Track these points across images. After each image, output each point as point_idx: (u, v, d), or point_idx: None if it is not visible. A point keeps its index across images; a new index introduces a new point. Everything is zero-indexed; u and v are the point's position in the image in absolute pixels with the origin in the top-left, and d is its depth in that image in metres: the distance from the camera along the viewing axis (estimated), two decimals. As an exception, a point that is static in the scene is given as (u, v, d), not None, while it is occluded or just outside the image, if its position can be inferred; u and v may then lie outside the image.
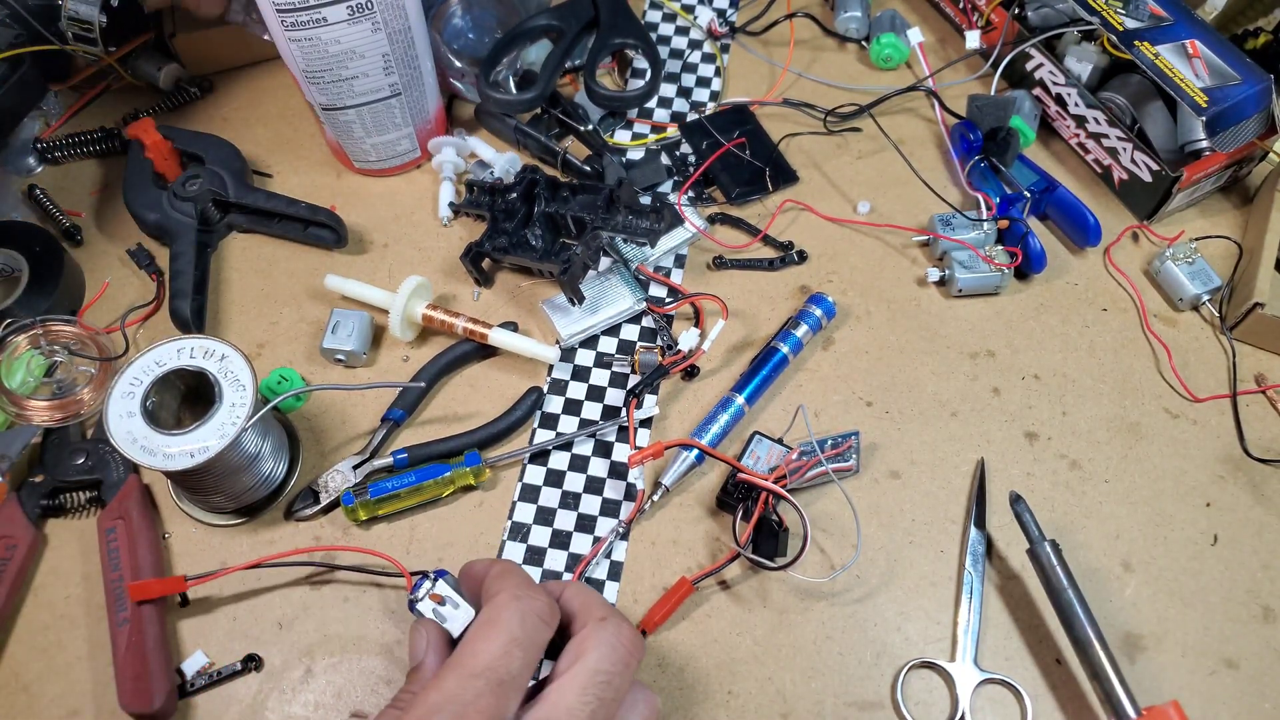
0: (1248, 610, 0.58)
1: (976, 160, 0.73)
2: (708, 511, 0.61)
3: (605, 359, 0.67)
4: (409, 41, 0.66)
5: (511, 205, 0.69)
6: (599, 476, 0.62)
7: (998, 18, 0.78)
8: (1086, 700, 0.54)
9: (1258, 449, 0.63)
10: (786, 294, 0.70)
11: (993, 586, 0.59)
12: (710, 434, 0.62)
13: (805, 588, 0.58)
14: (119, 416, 0.53)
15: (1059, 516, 0.61)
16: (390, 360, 0.67)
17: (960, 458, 0.63)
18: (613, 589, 0.58)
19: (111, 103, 0.80)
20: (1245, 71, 0.69)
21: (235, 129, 0.78)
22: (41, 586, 0.58)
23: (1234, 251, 0.71)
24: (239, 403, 0.54)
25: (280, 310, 0.69)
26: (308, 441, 0.64)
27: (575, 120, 0.76)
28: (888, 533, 0.60)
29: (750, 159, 0.75)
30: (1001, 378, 0.66)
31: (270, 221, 0.72)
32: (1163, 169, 0.69)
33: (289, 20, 0.61)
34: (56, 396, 0.63)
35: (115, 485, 0.60)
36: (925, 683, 0.56)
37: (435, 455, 0.62)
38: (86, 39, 0.77)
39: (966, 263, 0.68)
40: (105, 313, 0.69)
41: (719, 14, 0.86)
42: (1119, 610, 0.58)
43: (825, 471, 0.60)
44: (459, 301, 0.70)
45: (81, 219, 0.74)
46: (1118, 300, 0.70)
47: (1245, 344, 0.68)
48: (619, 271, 0.69)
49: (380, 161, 0.74)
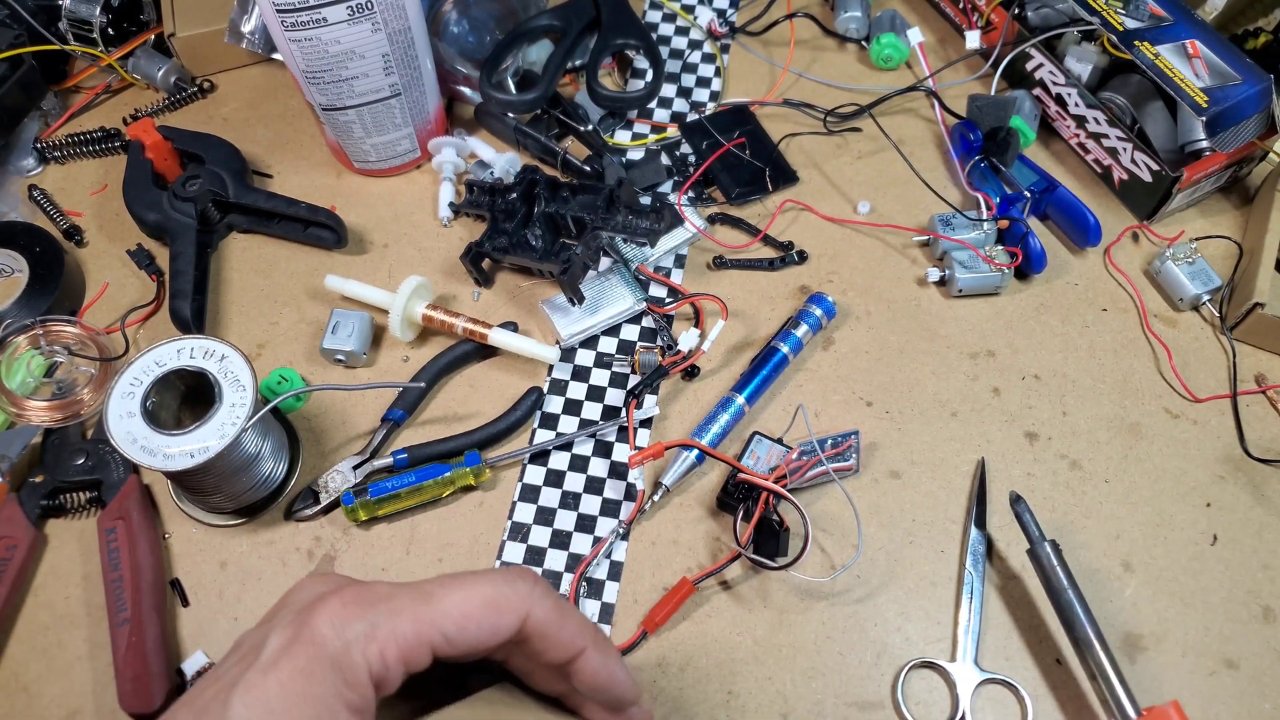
0: (1248, 610, 0.58)
1: (976, 160, 0.73)
2: (708, 511, 0.61)
3: (605, 359, 0.67)
4: (409, 41, 0.66)
5: (511, 205, 0.69)
6: (599, 476, 0.62)
7: (998, 18, 0.78)
8: (1086, 700, 0.54)
9: (1258, 449, 0.63)
10: (786, 294, 0.70)
11: (993, 586, 0.59)
12: (710, 434, 0.62)
13: (806, 588, 0.58)
14: (119, 417, 0.53)
15: (1059, 516, 0.61)
16: (390, 360, 0.67)
17: (960, 458, 0.63)
18: (613, 589, 0.58)
19: (111, 103, 0.80)
20: (1245, 71, 0.69)
21: (235, 129, 0.78)
22: (42, 586, 0.58)
23: (1234, 251, 0.71)
24: (239, 403, 0.54)
25: (280, 310, 0.69)
26: (308, 442, 0.64)
27: (575, 120, 0.76)
28: (888, 533, 0.60)
29: (750, 159, 0.75)
30: (1002, 378, 0.66)
31: (270, 222, 0.72)
32: (1163, 169, 0.69)
33: (289, 20, 0.61)
34: (57, 397, 0.63)
35: (115, 485, 0.60)
36: (925, 683, 0.56)
37: (435, 455, 0.62)
38: (86, 39, 0.77)
39: (967, 263, 0.68)
40: (105, 313, 0.69)
41: (719, 14, 0.86)
42: (1119, 610, 0.58)
43: (825, 471, 0.60)
44: (459, 301, 0.70)
45: (81, 219, 0.74)
46: (1118, 300, 0.70)
47: (1245, 344, 0.68)
48: (619, 271, 0.69)
49: (380, 162, 0.74)
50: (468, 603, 0.37)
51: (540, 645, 0.38)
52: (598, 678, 0.40)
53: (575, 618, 0.40)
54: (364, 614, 0.35)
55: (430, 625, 0.36)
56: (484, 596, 0.37)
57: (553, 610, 0.39)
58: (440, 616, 0.36)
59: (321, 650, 0.35)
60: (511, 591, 0.38)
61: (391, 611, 0.36)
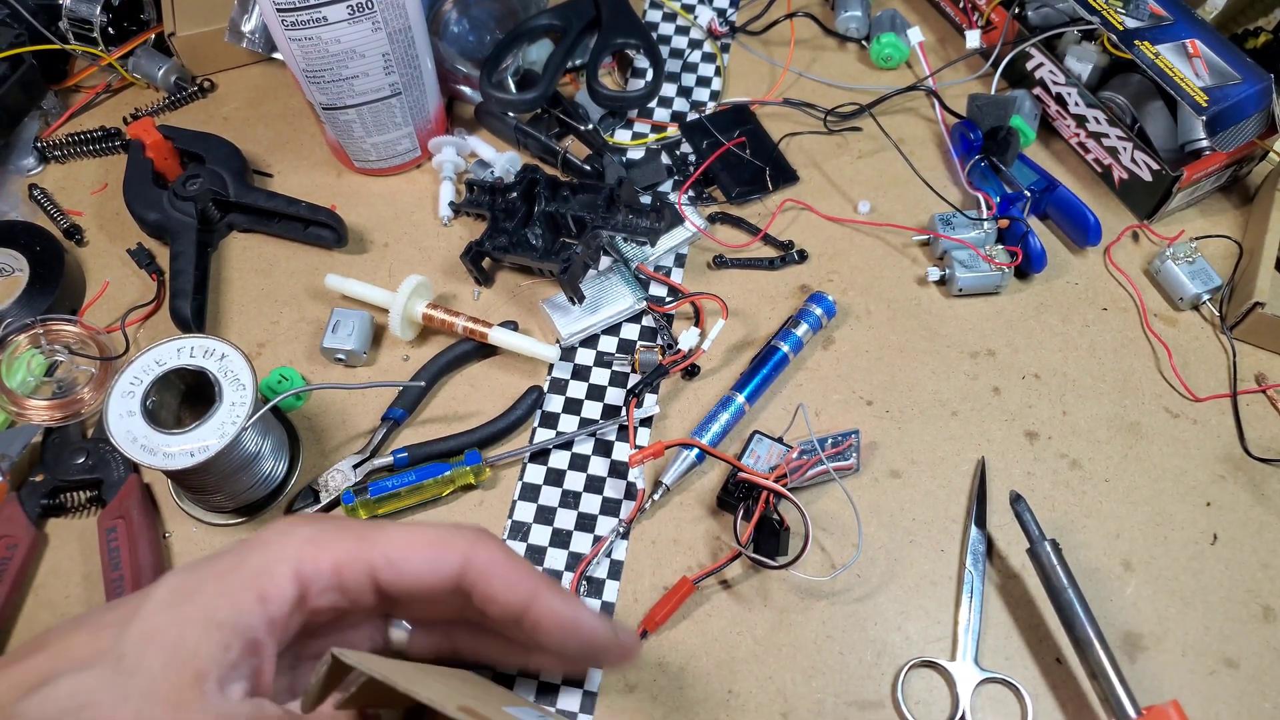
0: (1248, 610, 0.58)
1: (977, 160, 0.73)
2: (708, 511, 0.61)
3: (605, 358, 0.67)
4: (409, 41, 0.66)
5: (512, 205, 0.69)
6: (599, 476, 0.62)
7: (998, 17, 0.78)
8: (1086, 700, 0.54)
9: (1258, 449, 0.63)
10: (787, 293, 0.70)
11: (993, 586, 0.59)
12: (710, 433, 0.62)
13: (806, 587, 0.58)
14: (119, 416, 0.53)
15: (1059, 516, 0.61)
16: (390, 359, 0.67)
17: (960, 457, 0.63)
18: (613, 588, 0.58)
19: (112, 102, 0.80)
20: (1245, 71, 0.69)
21: (235, 129, 0.78)
22: (42, 586, 0.58)
23: (1234, 251, 0.71)
24: (239, 402, 0.54)
25: (280, 310, 0.69)
26: (308, 441, 0.64)
27: (575, 120, 0.76)
28: (888, 532, 0.60)
29: (750, 158, 0.75)
30: (1002, 377, 0.66)
31: (270, 221, 0.72)
32: (1163, 168, 0.69)
33: (289, 19, 0.61)
34: (57, 396, 0.63)
35: (116, 485, 0.60)
36: (926, 682, 0.56)
37: (435, 454, 0.62)
38: (87, 38, 0.77)
39: (967, 262, 0.68)
40: (105, 312, 0.69)
41: (719, 13, 0.86)
42: (1119, 610, 0.58)
43: (826, 470, 0.60)
44: (459, 301, 0.70)
45: (81, 219, 0.74)
46: (1118, 300, 0.70)
47: (1245, 343, 0.68)
48: (619, 271, 0.69)
49: (380, 161, 0.74)
50: (411, 536, 0.39)
51: (488, 589, 0.39)
52: (560, 619, 0.40)
53: (523, 564, 0.40)
54: (310, 522, 0.38)
55: (371, 545, 0.38)
56: (427, 536, 0.39)
57: (498, 553, 0.40)
58: (383, 539, 0.38)
59: (256, 541, 0.37)
60: (454, 534, 0.39)
61: (338, 525, 0.38)
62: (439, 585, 0.39)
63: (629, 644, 0.43)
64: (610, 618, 0.42)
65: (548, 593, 0.39)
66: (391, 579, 0.38)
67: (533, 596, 0.39)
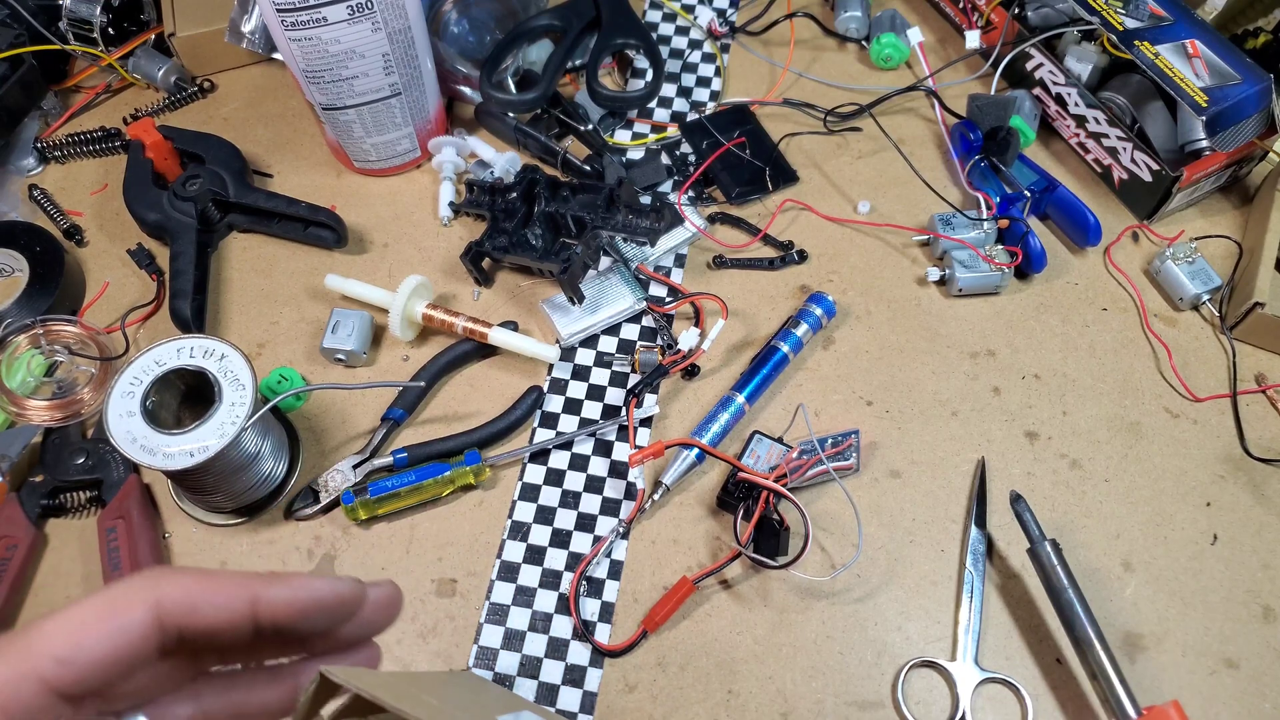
0: (1248, 610, 0.58)
1: (976, 160, 0.73)
2: (708, 511, 0.61)
3: (605, 358, 0.67)
4: (409, 41, 0.66)
5: (511, 205, 0.69)
6: (599, 476, 0.62)
7: (998, 18, 0.78)
8: (1087, 700, 0.54)
9: (1258, 449, 0.63)
10: (787, 293, 0.70)
11: (993, 586, 0.58)
12: (710, 433, 0.62)
13: (806, 587, 0.58)
14: (119, 416, 0.53)
15: (1059, 516, 0.61)
16: (390, 360, 0.67)
17: (960, 457, 0.63)
18: (613, 588, 0.58)
19: (112, 102, 0.80)
20: (1245, 71, 0.69)
21: (235, 129, 0.78)
22: (42, 586, 0.58)
23: (1234, 251, 0.71)
24: (239, 402, 0.54)
25: (280, 310, 0.69)
26: (308, 441, 0.64)
27: (575, 120, 0.76)
28: (888, 532, 0.60)
29: (750, 159, 0.75)
30: (1002, 377, 0.66)
31: (270, 221, 0.72)
32: (1163, 169, 0.69)
33: (289, 20, 0.61)
34: (57, 396, 0.63)
35: (115, 485, 0.60)
36: (926, 682, 0.56)
37: (435, 454, 0.62)
38: (87, 39, 0.77)
39: (967, 262, 0.68)
40: (105, 313, 0.69)
41: (719, 14, 0.86)
42: (1119, 610, 0.58)
43: (826, 470, 0.60)
44: (459, 301, 0.70)
45: (82, 218, 0.74)
46: (1118, 300, 0.70)
47: (1245, 344, 0.68)
48: (619, 271, 0.69)
49: (380, 161, 0.74)
50: (78, 616, 0.32)
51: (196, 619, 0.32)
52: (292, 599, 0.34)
53: (224, 574, 0.34)
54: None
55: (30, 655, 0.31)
56: (96, 605, 0.32)
57: (188, 578, 0.33)
58: (42, 642, 0.31)
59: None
60: (128, 586, 0.32)
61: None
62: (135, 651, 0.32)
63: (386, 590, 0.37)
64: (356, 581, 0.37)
65: (265, 586, 0.34)
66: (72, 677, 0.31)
67: (253, 599, 0.33)
